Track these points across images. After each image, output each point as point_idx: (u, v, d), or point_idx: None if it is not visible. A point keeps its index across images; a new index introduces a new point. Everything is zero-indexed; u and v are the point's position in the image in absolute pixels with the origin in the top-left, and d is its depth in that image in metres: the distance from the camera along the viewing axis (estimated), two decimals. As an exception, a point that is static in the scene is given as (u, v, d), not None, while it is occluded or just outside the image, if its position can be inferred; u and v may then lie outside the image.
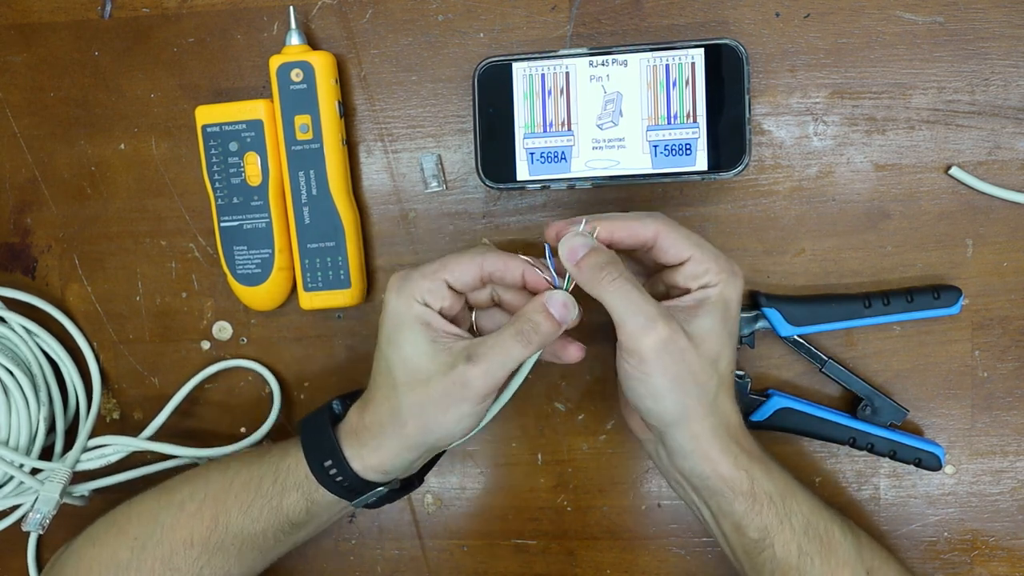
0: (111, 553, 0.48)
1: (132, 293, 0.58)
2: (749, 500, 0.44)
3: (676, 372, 0.42)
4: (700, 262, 0.43)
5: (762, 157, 0.52)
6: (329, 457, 0.45)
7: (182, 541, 0.47)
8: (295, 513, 0.47)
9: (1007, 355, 0.52)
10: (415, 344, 0.43)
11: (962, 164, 0.51)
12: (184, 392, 0.56)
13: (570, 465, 0.56)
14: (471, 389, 0.42)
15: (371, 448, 0.45)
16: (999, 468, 0.53)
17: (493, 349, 0.42)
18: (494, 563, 0.57)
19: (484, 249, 0.45)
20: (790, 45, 0.51)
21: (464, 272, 0.44)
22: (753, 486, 0.44)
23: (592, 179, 0.50)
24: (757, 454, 0.45)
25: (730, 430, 0.44)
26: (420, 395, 0.43)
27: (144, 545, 0.47)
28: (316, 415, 0.48)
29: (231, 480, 0.48)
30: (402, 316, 0.43)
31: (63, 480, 0.54)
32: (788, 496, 0.45)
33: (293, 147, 0.52)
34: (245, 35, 0.55)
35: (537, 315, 0.43)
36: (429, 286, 0.43)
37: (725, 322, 0.43)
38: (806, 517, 0.45)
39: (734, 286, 0.43)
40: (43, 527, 0.52)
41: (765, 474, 0.44)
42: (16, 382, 0.54)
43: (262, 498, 0.47)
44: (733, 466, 0.43)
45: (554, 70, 0.49)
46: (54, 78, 0.57)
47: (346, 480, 0.45)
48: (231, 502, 0.47)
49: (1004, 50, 0.50)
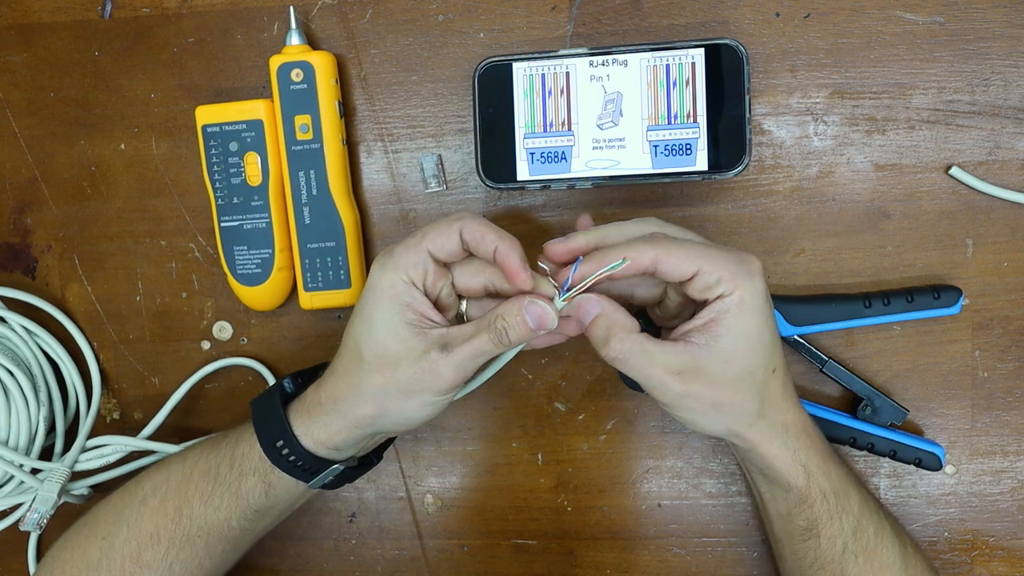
0: (82, 554, 0.48)
1: (132, 293, 0.58)
2: (803, 494, 0.44)
3: (705, 408, 0.42)
4: (709, 273, 0.40)
5: (762, 157, 0.52)
6: (280, 437, 0.44)
7: (148, 536, 0.46)
8: (255, 498, 0.46)
9: (1007, 355, 0.52)
10: (390, 324, 0.42)
11: (962, 164, 0.51)
12: (183, 390, 0.56)
13: (570, 465, 0.56)
14: (440, 379, 0.42)
15: (321, 424, 0.44)
16: (999, 468, 0.53)
17: (468, 342, 0.41)
18: (494, 563, 0.57)
19: (464, 215, 0.42)
20: (790, 45, 0.51)
21: (444, 239, 0.42)
22: (808, 481, 0.44)
23: (592, 179, 0.50)
24: (819, 448, 0.45)
25: (788, 427, 0.44)
26: (386, 377, 0.42)
27: (112, 544, 0.47)
28: (267, 395, 0.46)
29: (190, 471, 0.47)
30: (383, 293, 0.42)
31: (61, 480, 0.54)
32: (842, 496, 0.44)
33: (293, 147, 0.52)
34: (245, 35, 0.55)
35: (512, 317, 0.41)
36: (413, 259, 0.42)
37: (752, 329, 0.41)
38: (856, 518, 0.45)
39: (752, 288, 0.40)
40: (40, 526, 0.52)
41: (823, 471, 0.44)
42: (16, 382, 0.54)
43: (221, 486, 0.46)
44: (791, 461, 0.43)
45: (554, 70, 0.49)
46: (54, 78, 0.57)
47: (299, 459, 0.44)
48: (192, 492, 0.46)
49: (1004, 50, 0.50)
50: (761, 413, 0.43)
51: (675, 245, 0.41)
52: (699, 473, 0.55)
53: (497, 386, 0.56)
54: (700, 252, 0.41)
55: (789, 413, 0.44)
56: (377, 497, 0.57)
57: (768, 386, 0.43)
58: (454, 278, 0.44)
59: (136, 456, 0.57)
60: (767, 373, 0.42)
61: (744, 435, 0.43)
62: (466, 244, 0.42)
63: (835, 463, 0.45)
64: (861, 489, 0.46)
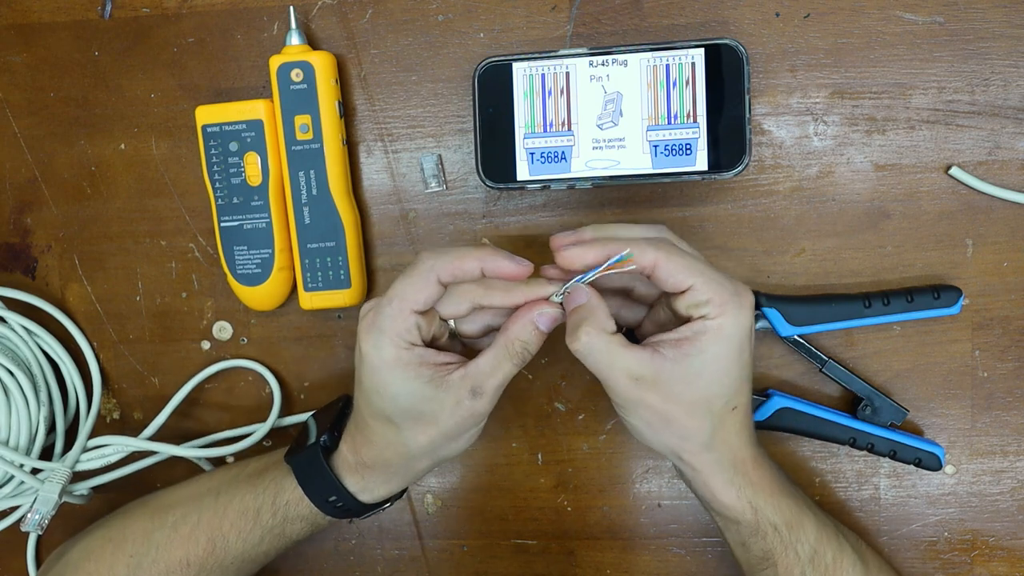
0: (108, 568, 0.48)
1: (132, 293, 0.58)
2: (752, 528, 0.44)
3: (652, 420, 0.42)
4: (701, 292, 0.40)
5: (762, 157, 0.52)
6: (333, 494, 0.46)
7: (178, 562, 0.47)
8: (299, 535, 0.48)
9: (1007, 355, 0.52)
10: (413, 391, 0.42)
11: (962, 164, 0.51)
12: (184, 392, 0.56)
13: (570, 465, 0.56)
14: (479, 415, 0.43)
15: (380, 482, 0.46)
16: (999, 468, 0.53)
17: (493, 376, 0.42)
18: (494, 563, 0.57)
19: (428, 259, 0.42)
20: (790, 45, 0.51)
21: (424, 292, 0.41)
22: (756, 516, 0.44)
23: (592, 179, 0.50)
24: (767, 484, 0.44)
25: (736, 464, 0.43)
26: (430, 435, 0.43)
27: (140, 563, 0.48)
28: (308, 455, 0.47)
29: (224, 508, 0.48)
30: (391, 368, 0.42)
31: (62, 480, 0.54)
32: (796, 527, 0.44)
33: (293, 147, 0.52)
34: (245, 35, 0.55)
35: (528, 335, 0.42)
36: (403, 324, 0.41)
37: (723, 359, 0.41)
38: (812, 547, 0.44)
39: (737, 318, 0.40)
40: (42, 527, 0.52)
41: (772, 506, 0.44)
42: (16, 382, 0.54)
43: (262, 528, 0.47)
44: (736, 497, 0.43)
45: (554, 70, 0.49)
46: (54, 78, 0.57)
47: (351, 508, 0.47)
48: (227, 529, 0.47)
49: (1004, 50, 0.50)
50: (710, 444, 0.42)
51: (678, 254, 0.41)
52: (699, 473, 0.55)
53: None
54: (699, 269, 0.41)
55: (740, 451, 0.44)
56: (377, 497, 0.57)
57: (724, 421, 0.42)
58: (440, 312, 0.44)
59: (136, 456, 0.57)
60: (726, 408, 0.42)
61: (689, 461, 0.43)
62: (445, 283, 0.42)
63: (787, 496, 0.45)
64: (818, 517, 0.46)
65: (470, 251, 0.41)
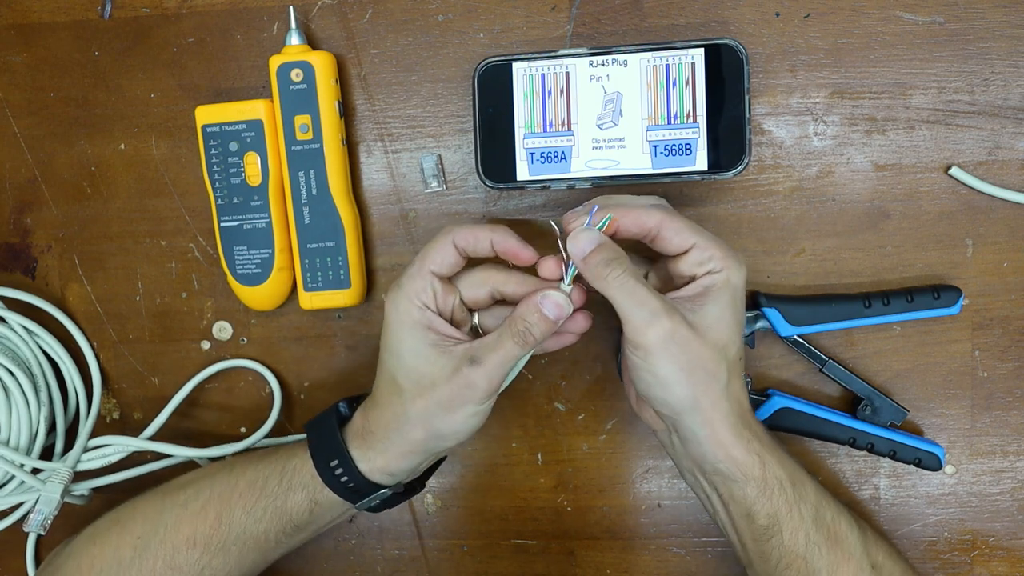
0: (113, 551, 0.48)
1: (132, 293, 0.58)
2: (760, 485, 0.44)
3: (683, 362, 0.42)
4: (704, 249, 0.43)
5: (762, 157, 0.52)
6: (336, 457, 0.46)
7: (185, 540, 0.47)
8: (299, 514, 0.47)
9: (1007, 355, 0.52)
10: (417, 351, 0.44)
11: (962, 164, 0.51)
12: (184, 392, 0.56)
13: (570, 465, 0.56)
14: (476, 390, 0.43)
15: (378, 451, 0.46)
16: (999, 468, 0.53)
17: (494, 351, 0.43)
18: (494, 563, 0.57)
19: (451, 226, 0.45)
20: (790, 45, 0.51)
21: (442, 255, 0.44)
22: (765, 471, 0.44)
23: (592, 179, 0.50)
24: (768, 440, 0.45)
25: (743, 416, 0.44)
26: (427, 400, 0.44)
27: (147, 544, 0.48)
28: (323, 417, 0.48)
29: (236, 480, 0.48)
30: (402, 324, 0.44)
31: (64, 480, 0.54)
32: (798, 483, 0.45)
33: (293, 147, 0.52)
34: (245, 35, 0.55)
35: (532, 316, 0.43)
36: (419, 284, 0.44)
37: (732, 309, 0.43)
38: (814, 506, 0.45)
39: (739, 272, 0.43)
40: (44, 528, 0.52)
41: (776, 460, 0.44)
42: (16, 382, 0.54)
43: (267, 498, 0.47)
44: (746, 451, 0.43)
45: (554, 70, 0.49)
46: (54, 78, 0.57)
47: (352, 481, 0.46)
48: (235, 501, 0.47)
49: (1004, 50, 0.50)
50: (726, 393, 0.43)
51: (679, 217, 0.44)
52: (699, 473, 0.55)
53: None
54: (699, 231, 0.44)
55: (744, 402, 0.45)
56: (377, 497, 0.57)
57: (735, 369, 0.44)
58: (461, 293, 0.46)
59: (137, 457, 0.57)
60: (736, 356, 0.44)
61: (707, 413, 0.43)
62: (463, 252, 0.45)
63: (786, 453, 0.46)
64: (814, 479, 0.47)
65: (486, 226, 0.45)
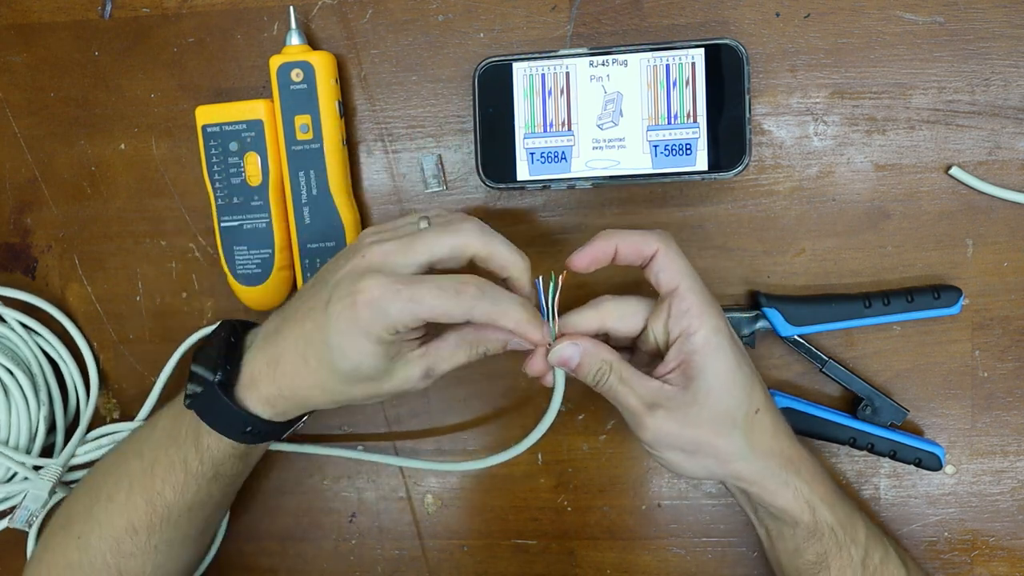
0: (61, 554, 0.49)
1: (132, 293, 0.58)
2: (810, 529, 0.44)
3: (682, 447, 0.42)
4: (683, 298, 0.42)
5: (762, 157, 0.52)
6: (248, 424, 0.45)
7: (124, 529, 0.47)
8: (233, 470, 0.48)
9: (1007, 355, 0.52)
10: (375, 365, 0.41)
11: (962, 164, 0.51)
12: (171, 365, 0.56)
13: (570, 465, 0.56)
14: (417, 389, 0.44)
15: (292, 410, 0.45)
16: (999, 468, 0.53)
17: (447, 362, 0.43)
18: (494, 563, 0.57)
19: (473, 298, 0.39)
20: (790, 45, 0.51)
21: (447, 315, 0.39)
22: (815, 516, 0.44)
23: (592, 179, 0.50)
24: (819, 482, 0.44)
25: (784, 464, 0.43)
26: (367, 392, 0.43)
27: (88, 543, 0.48)
28: (205, 397, 0.44)
29: (151, 466, 0.47)
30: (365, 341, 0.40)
31: (53, 478, 0.54)
32: (848, 526, 0.45)
33: (293, 147, 0.52)
34: (245, 35, 0.55)
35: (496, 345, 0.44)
36: (406, 323, 0.39)
37: (724, 370, 0.42)
38: (864, 547, 0.45)
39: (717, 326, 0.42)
40: (30, 524, 0.53)
41: (827, 505, 0.44)
42: (16, 382, 0.54)
43: (194, 476, 0.46)
44: (793, 498, 0.43)
45: (554, 70, 0.49)
46: (54, 78, 0.57)
47: (271, 431, 0.46)
48: (160, 485, 0.47)
49: (1004, 50, 0.50)
50: (750, 456, 0.43)
51: (677, 254, 0.43)
52: (699, 473, 0.55)
53: (497, 386, 0.56)
54: (689, 273, 0.43)
55: (784, 451, 0.44)
56: (377, 497, 0.57)
57: (752, 428, 0.43)
58: None
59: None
60: (749, 415, 0.43)
61: (738, 478, 0.43)
62: (470, 320, 0.40)
63: (839, 496, 0.45)
64: (865, 518, 0.47)
65: (511, 310, 0.40)
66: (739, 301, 0.53)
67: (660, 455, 0.44)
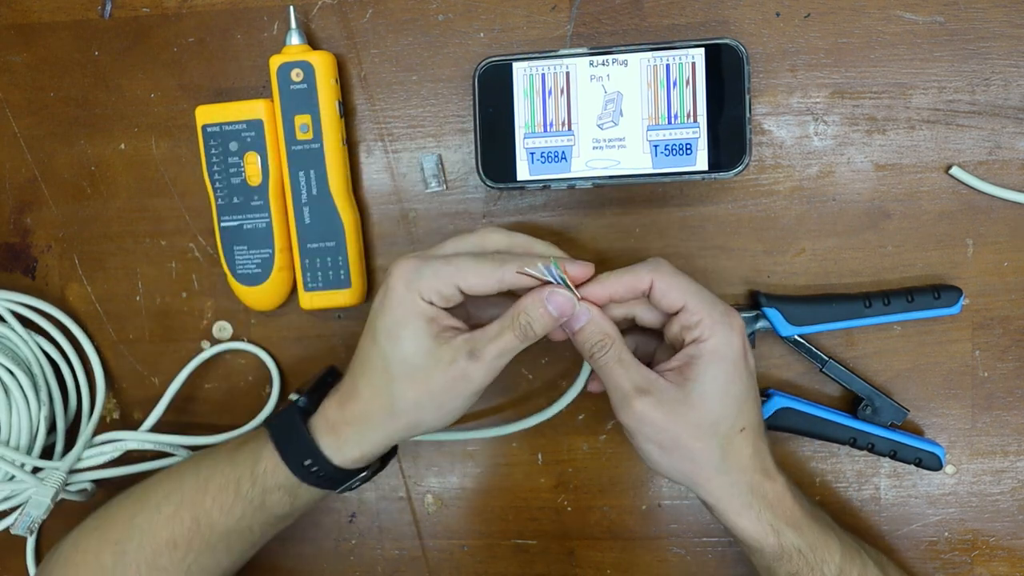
0: (95, 557, 0.48)
1: (132, 293, 0.58)
2: (776, 551, 0.44)
3: (660, 442, 0.43)
4: (693, 312, 0.42)
5: (762, 157, 0.52)
6: (308, 456, 0.45)
7: (164, 543, 0.47)
8: (279, 508, 0.47)
9: (1007, 355, 0.52)
10: (417, 340, 0.43)
11: (962, 164, 0.51)
12: (179, 381, 0.56)
13: (570, 465, 0.56)
14: (471, 383, 0.43)
15: (352, 443, 0.45)
16: (999, 468, 0.53)
17: (493, 343, 0.43)
18: (494, 563, 0.57)
19: (503, 260, 0.43)
20: (790, 45, 0.51)
21: (481, 285, 0.42)
22: (779, 539, 0.44)
23: (592, 179, 0.50)
24: (787, 506, 0.44)
25: (753, 487, 0.44)
26: (419, 390, 0.43)
27: (125, 550, 0.47)
28: (285, 416, 0.47)
29: (205, 483, 0.47)
30: (407, 311, 0.43)
31: (56, 484, 0.53)
32: (820, 547, 0.44)
33: (293, 147, 0.52)
34: (245, 35, 0.55)
35: (535, 311, 0.43)
36: (440, 288, 0.42)
37: (722, 381, 0.42)
38: (839, 566, 0.45)
39: (728, 339, 0.42)
40: (31, 530, 0.52)
41: (793, 529, 0.44)
42: (16, 382, 0.54)
43: (243, 500, 0.46)
44: (756, 520, 0.43)
45: (554, 70, 0.49)
46: (54, 78, 0.57)
47: (327, 475, 0.46)
48: (209, 504, 0.47)
49: (1004, 50, 0.50)
50: (722, 468, 0.43)
51: (672, 275, 0.43)
52: (699, 473, 0.55)
53: (497, 386, 0.55)
54: (693, 290, 0.43)
55: (754, 474, 0.44)
56: (377, 497, 0.57)
57: (732, 443, 0.43)
58: None
59: (136, 455, 0.57)
60: (733, 430, 0.43)
61: (703, 486, 0.43)
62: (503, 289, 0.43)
63: (808, 516, 0.45)
64: (841, 536, 0.46)
65: (537, 244, 0.45)
66: (739, 301, 0.53)
67: (637, 443, 0.44)
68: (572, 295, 0.43)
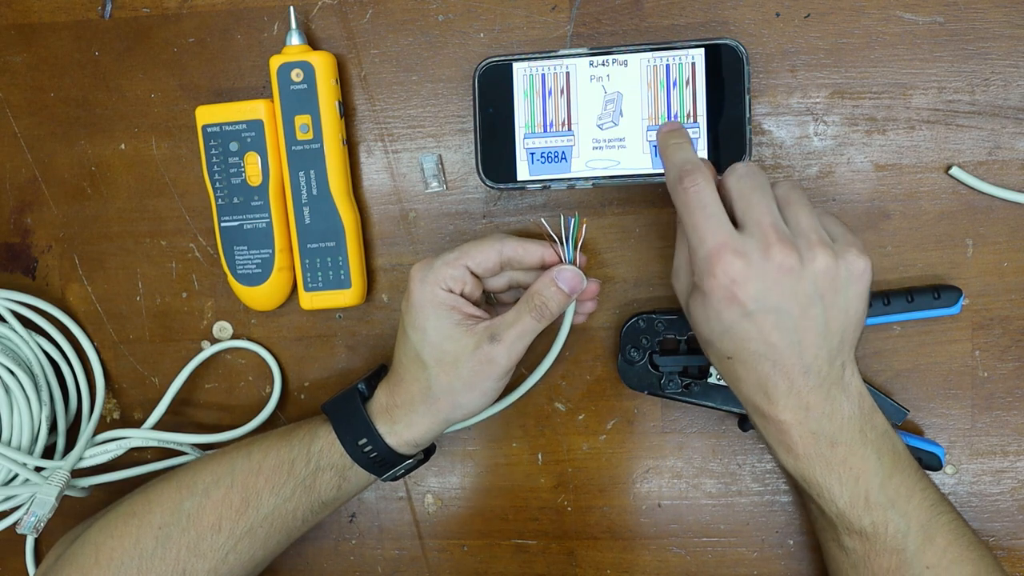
0: (133, 542, 0.48)
1: (132, 293, 0.58)
2: (880, 542, 0.43)
3: (756, 331, 0.41)
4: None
5: (762, 157, 0.52)
6: (364, 435, 0.48)
7: (210, 527, 0.48)
8: (327, 491, 0.49)
9: (1007, 355, 0.52)
10: (440, 328, 0.46)
11: (962, 164, 0.51)
12: (180, 381, 0.56)
13: (570, 465, 0.56)
14: (496, 366, 0.46)
15: (404, 424, 0.48)
16: (999, 468, 0.53)
17: (512, 327, 0.46)
18: (494, 563, 0.57)
19: (502, 236, 0.47)
20: (790, 45, 0.51)
21: (484, 259, 0.46)
22: (888, 529, 0.43)
23: (592, 179, 0.50)
24: (895, 484, 0.43)
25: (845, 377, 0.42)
26: (450, 375, 0.46)
27: (169, 534, 0.48)
28: (345, 397, 0.50)
29: (258, 464, 0.49)
30: (426, 303, 0.46)
31: (60, 483, 0.53)
32: (930, 527, 0.43)
33: (293, 147, 0.52)
34: (245, 35, 0.55)
35: (548, 290, 0.46)
36: (452, 273, 0.46)
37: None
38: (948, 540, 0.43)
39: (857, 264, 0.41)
40: (37, 530, 0.52)
41: (900, 516, 0.43)
42: (17, 382, 0.54)
43: (295, 479, 0.48)
44: (864, 509, 0.43)
45: (554, 70, 0.49)
46: (54, 78, 0.57)
47: (380, 455, 0.48)
48: (262, 485, 0.48)
49: (1004, 50, 0.50)
50: (826, 334, 0.41)
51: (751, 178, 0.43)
52: (699, 473, 0.55)
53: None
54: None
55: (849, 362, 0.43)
56: (377, 497, 0.57)
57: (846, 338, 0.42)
58: (485, 285, 0.49)
59: (136, 456, 0.57)
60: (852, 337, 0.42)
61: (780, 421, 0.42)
62: (504, 261, 0.47)
63: (917, 496, 0.43)
64: (951, 512, 0.45)
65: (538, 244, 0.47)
66: (739, 301, 0.53)
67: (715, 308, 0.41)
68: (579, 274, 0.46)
